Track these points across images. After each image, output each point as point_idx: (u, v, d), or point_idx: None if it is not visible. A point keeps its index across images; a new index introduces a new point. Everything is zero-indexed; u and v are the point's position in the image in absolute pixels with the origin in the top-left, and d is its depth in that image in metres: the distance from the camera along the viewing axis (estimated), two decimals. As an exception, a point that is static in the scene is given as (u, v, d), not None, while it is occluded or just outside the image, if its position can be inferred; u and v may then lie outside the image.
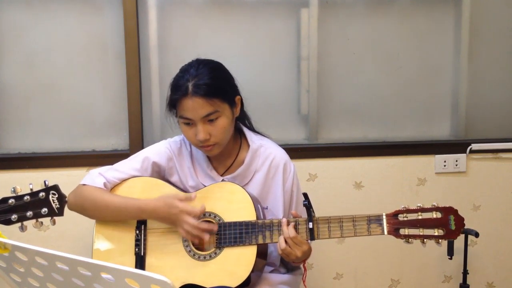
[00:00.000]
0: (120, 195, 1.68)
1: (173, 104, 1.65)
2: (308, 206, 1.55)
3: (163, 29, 2.26)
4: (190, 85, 1.59)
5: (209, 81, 1.60)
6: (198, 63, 1.66)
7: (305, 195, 1.57)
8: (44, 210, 1.36)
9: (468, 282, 2.22)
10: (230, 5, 2.29)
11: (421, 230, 1.51)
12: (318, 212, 1.59)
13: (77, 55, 2.23)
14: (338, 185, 2.37)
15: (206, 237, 1.58)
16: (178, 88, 1.62)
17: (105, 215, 1.67)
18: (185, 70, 1.65)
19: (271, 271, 1.75)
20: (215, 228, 1.60)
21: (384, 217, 1.54)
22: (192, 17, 2.28)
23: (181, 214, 1.57)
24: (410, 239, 1.52)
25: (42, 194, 1.36)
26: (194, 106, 1.58)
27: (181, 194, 1.67)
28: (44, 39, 2.21)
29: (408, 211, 1.53)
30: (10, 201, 1.32)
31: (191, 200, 1.61)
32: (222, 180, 1.72)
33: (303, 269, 1.70)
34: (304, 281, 1.69)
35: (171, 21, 2.27)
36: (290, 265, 1.78)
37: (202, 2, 2.28)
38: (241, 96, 1.73)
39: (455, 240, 2.06)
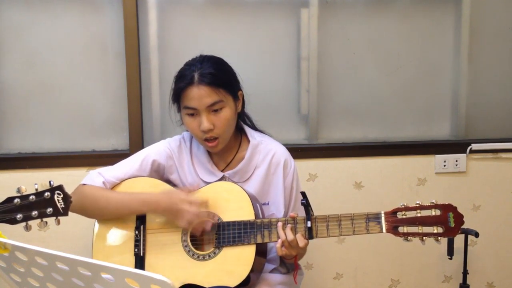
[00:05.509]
0: (121, 191, 1.69)
1: (178, 94, 1.66)
2: (306, 205, 1.55)
3: (163, 29, 2.26)
4: (196, 74, 1.62)
5: (214, 71, 1.64)
6: (203, 57, 1.70)
7: (303, 193, 1.56)
8: (49, 210, 1.36)
9: (468, 282, 2.22)
10: (230, 5, 2.29)
11: (420, 227, 1.51)
12: (318, 212, 1.59)
13: (77, 55, 2.23)
14: (338, 185, 2.37)
15: (208, 225, 1.58)
16: (184, 77, 1.64)
17: (106, 212, 1.66)
18: (190, 63, 1.69)
19: (271, 271, 1.75)
20: (215, 217, 1.60)
21: (382, 215, 1.54)
22: (192, 17, 2.28)
23: (182, 204, 1.57)
24: (409, 237, 1.51)
25: (47, 194, 1.36)
26: (200, 94, 1.61)
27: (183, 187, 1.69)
28: (44, 39, 2.21)
29: (407, 209, 1.52)
30: (16, 200, 1.32)
31: (193, 191, 1.63)
32: (223, 176, 1.72)
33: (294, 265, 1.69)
34: (295, 277, 1.68)
35: (171, 21, 2.27)
36: (290, 264, 1.77)
37: (202, 2, 2.28)
38: (243, 92, 1.75)
39: (455, 240, 2.07)
